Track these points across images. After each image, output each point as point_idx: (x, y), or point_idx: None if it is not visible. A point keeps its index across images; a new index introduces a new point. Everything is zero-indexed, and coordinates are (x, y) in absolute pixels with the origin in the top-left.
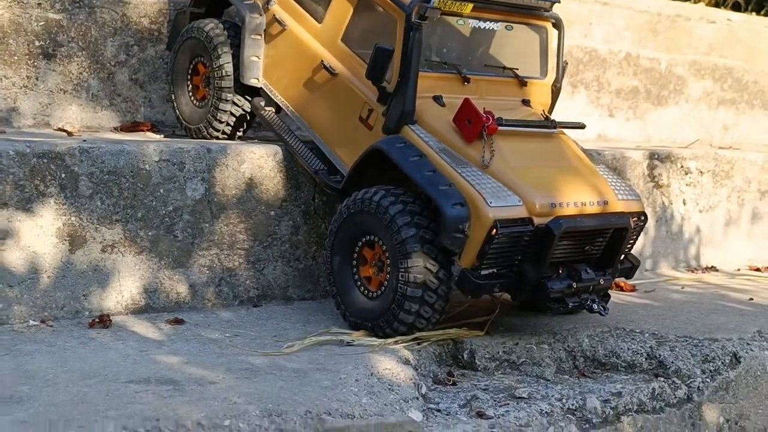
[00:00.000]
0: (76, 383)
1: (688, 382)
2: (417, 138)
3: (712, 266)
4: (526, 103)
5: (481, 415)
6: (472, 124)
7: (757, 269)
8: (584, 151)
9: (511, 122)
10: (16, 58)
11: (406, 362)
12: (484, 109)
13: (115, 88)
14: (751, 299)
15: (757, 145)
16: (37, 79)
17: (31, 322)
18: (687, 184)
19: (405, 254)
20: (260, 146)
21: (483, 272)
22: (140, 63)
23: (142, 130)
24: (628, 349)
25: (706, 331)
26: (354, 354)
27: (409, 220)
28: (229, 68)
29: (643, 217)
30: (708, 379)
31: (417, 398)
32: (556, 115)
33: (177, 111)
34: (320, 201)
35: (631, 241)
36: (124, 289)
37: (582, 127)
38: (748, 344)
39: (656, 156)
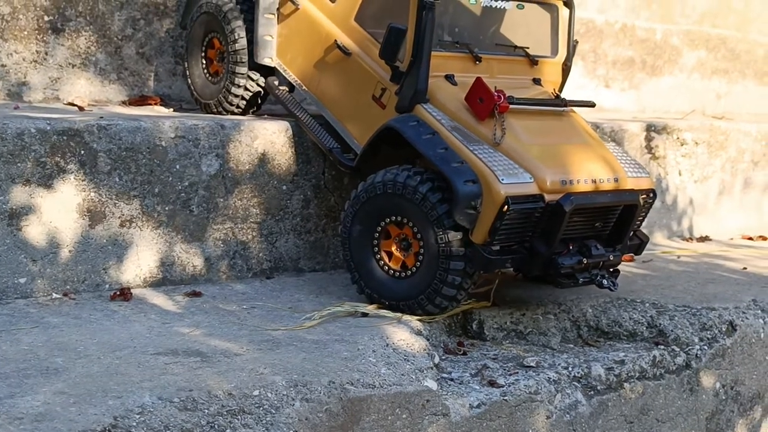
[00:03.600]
0: (108, 355)
1: (687, 349)
2: (429, 116)
3: (706, 236)
4: (537, 82)
5: (492, 383)
6: (484, 103)
7: (750, 238)
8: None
9: (522, 100)
10: (25, 33)
11: (419, 333)
12: (495, 87)
13: (123, 62)
14: (745, 268)
15: (748, 114)
16: (46, 53)
17: (54, 295)
18: (683, 155)
19: (444, 229)
20: (272, 122)
21: (494, 248)
22: (146, 37)
23: (150, 104)
24: (630, 318)
25: (704, 301)
26: (368, 325)
27: (441, 196)
28: (243, 47)
29: (652, 194)
30: (705, 347)
31: (431, 368)
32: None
33: (190, 85)
34: (330, 175)
35: (641, 218)
36: (143, 262)
37: (592, 105)
38: (743, 313)
39: (653, 128)
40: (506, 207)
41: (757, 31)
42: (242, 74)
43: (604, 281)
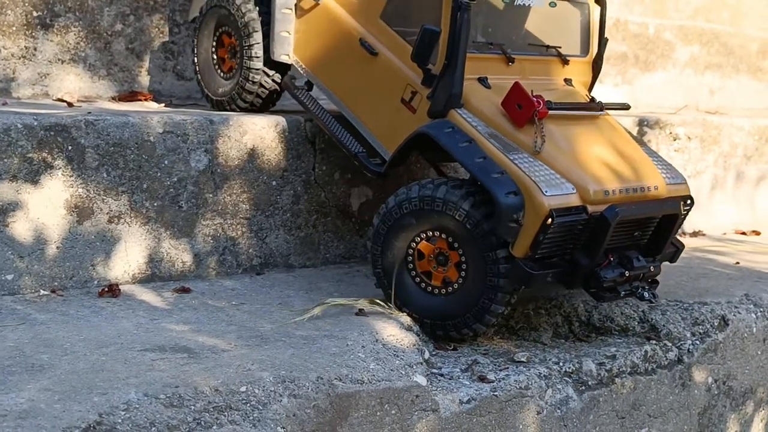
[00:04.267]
0: (94, 352)
1: (679, 344)
2: (465, 122)
3: (699, 230)
4: (568, 82)
5: (482, 378)
6: (523, 109)
7: (743, 233)
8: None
9: (561, 105)
10: (14, 28)
11: (409, 329)
12: (532, 91)
13: (112, 57)
14: (738, 263)
15: (742, 109)
16: (35, 49)
17: (42, 292)
18: (675, 150)
19: (491, 245)
20: (262, 117)
21: (536, 261)
22: (136, 32)
23: (140, 100)
24: (622, 313)
25: (696, 295)
26: (357, 320)
27: (485, 212)
28: (258, 42)
29: (689, 201)
30: (698, 342)
31: (421, 363)
32: None
33: (200, 82)
34: (320, 171)
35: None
36: (131, 258)
37: (628, 107)
38: (735, 307)
39: (645, 123)
40: (550, 220)
41: (751, 26)
42: (257, 71)
43: (645, 294)
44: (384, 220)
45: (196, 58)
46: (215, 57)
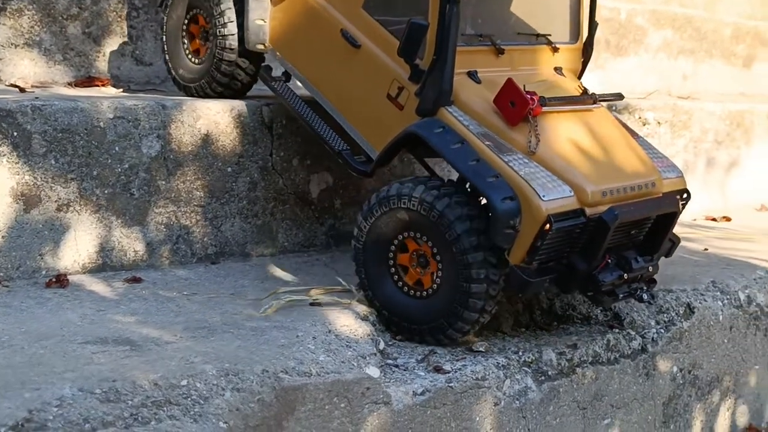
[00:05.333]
0: (33, 344)
1: (643, 333)
2: (456, 122)
3: None
4: (558, 71)
5: (438, 369)
6: (516, 107)
7: (713, 219)
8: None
9: (555, 100)
10: None
11: (364, 318)
12: (524, 87)
13: (68, 42)
14: (706, 249)
15: (715, 94)
16: None
17: None
18: (645, 135)
19: (464, 249)
20: (216, 102)
21: (532, 268)
22: (93, 16)
23: (98, 85)
24: (584, 301)
25: (661, 282)
26: (312, 311)
27: (461, 212)
28: (233, 32)
29: (686, 195)
30: (662, 330)
31: (375, 354)
32: None
33: (171, 68)
34: (278, 157)
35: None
36: (81, 247)
37: (621, 97)
38: (701, 295)
39: (614, 108)
40: (548, 225)
41: (725, 11)
42: (230, 61)
43: (644, 295)
44: (366, 216)
45: (165, 42)
46: (185, 41)
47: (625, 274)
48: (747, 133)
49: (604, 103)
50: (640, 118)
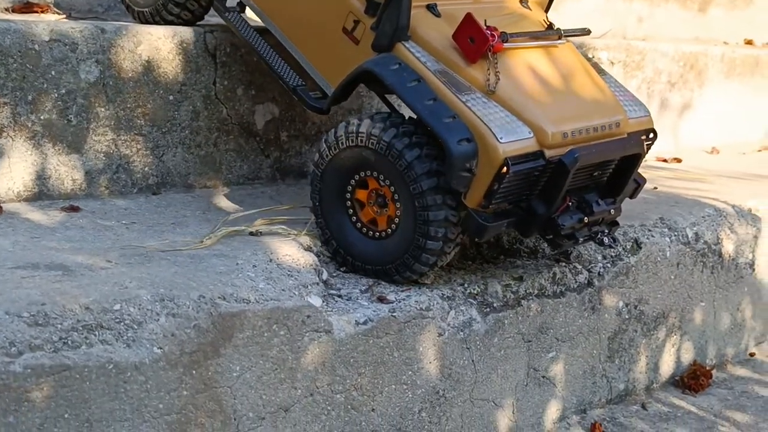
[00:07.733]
0: None
1: (590, 267)
2: (413, 58)
3: None
4: (524, 3)
5: (382, 299)
6: (476, 43)
7: (664, 160)
8: (590, 60)
9: (517, 36)
10: None
11: (308, 249)
12: (485, 21)
13: None
14: (656, 188)
15: (670, 38)
16: None
17: None
18: None
19: (425, 207)
20: (158, 27)
21: (489, 212)
22: None
23: (37, 12)
24: None
25: None
26: (253, 240)
27: (428, 168)
28: None
29: (652, 135)
30: (609, 265)
31: (317, 284)
32: None
33: None
34: (222, 86)
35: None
36: (16, 175)
37: (588, 32)
38: (649, 230)
39: None
40: (505, 168)
41: None
42: None
43: (605, 239)
44: (322, 154)
45: None
46: None
47: (586, 218)
48: (700, 75)
49: (570, 39)
50: (593, 57)
